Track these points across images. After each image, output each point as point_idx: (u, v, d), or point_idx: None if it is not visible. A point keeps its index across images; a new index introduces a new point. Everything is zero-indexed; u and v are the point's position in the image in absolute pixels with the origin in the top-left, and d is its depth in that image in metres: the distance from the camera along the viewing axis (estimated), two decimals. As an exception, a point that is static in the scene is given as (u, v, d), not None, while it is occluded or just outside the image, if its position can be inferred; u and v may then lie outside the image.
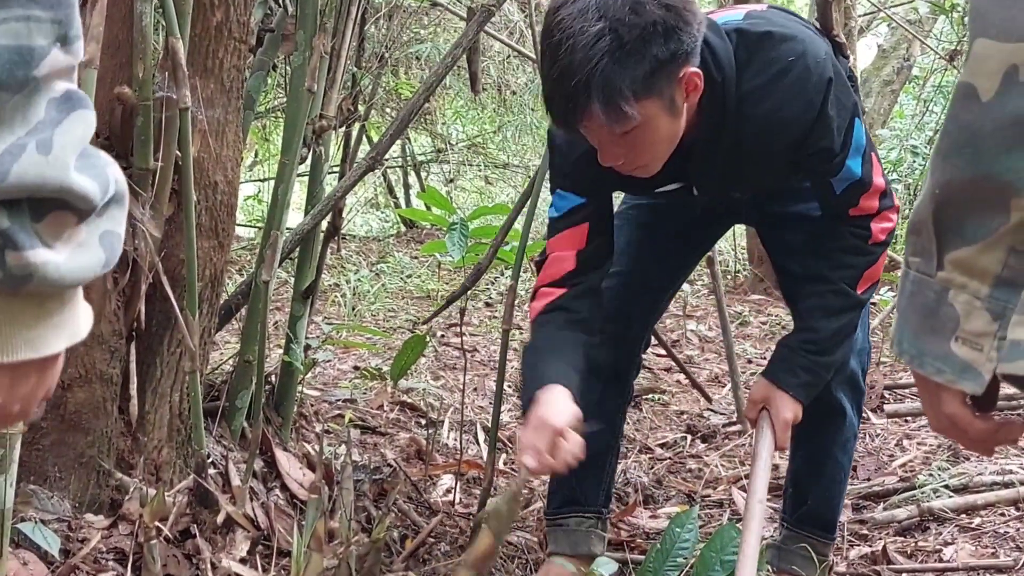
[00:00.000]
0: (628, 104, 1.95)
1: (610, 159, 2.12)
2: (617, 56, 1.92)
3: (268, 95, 6.89)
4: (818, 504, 2.66)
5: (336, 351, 4.57)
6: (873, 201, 2.28)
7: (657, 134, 2.06)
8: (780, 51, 2.13)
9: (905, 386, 4.47)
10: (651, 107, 1.99)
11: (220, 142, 2.44)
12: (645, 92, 1.96)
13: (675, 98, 2.03)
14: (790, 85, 2.11)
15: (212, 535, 2.39)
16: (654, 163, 2.15)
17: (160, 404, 2.46)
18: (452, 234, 3.02)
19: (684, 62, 2.00)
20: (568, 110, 1.99)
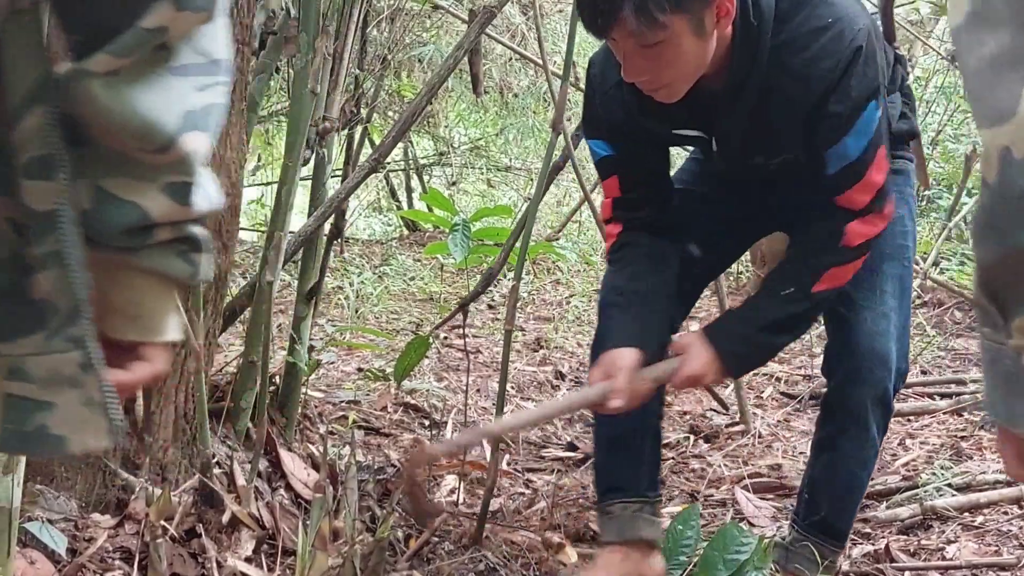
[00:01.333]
0: (658, 15, 1.99)
1: (633, 73, 2.13)
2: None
3: (271, 98, 6.90)
4: (831, 514, 2.59)
5: (340, 352, 4.58)
6: (864, 196, 2.23)
7: (682, 52, 2.08)
8: (822, 10, 2.15)
9: (908, 385, 4.47)
10: (680, 23, 2.03)
11: (223, 145, 2.45)
12: (676, 7, 2.00)
13: (704, 19, 2.07)
14: (826, 42, 2.13)
15: (217, 534, 2.40)
16: (677, 84, 2.16)
17: (165, 405, 2.48)
18: (454, 235, 3.04)
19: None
20: (600, 13, 2.03)
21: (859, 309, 2.43)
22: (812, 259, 2.29)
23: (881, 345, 2.40)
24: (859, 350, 2.41)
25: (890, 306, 2.43)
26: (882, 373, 2.41)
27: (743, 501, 3.24)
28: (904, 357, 2.48)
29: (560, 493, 3.25)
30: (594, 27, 2.09)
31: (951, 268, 6.72)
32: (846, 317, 2.44)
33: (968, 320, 5.65)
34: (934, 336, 5.22)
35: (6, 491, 1.89)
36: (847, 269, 2.29)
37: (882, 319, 2.41)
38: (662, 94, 2.19)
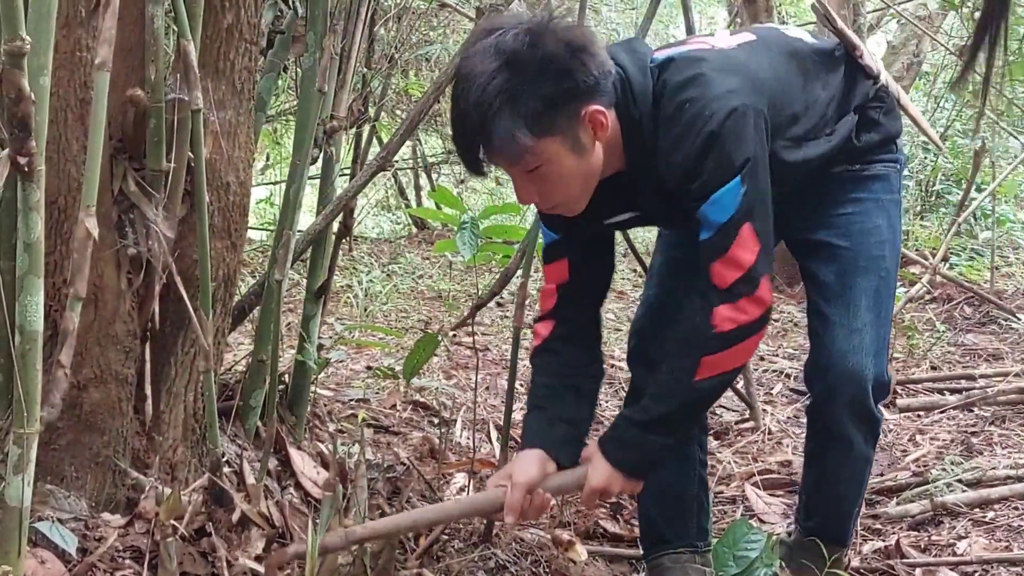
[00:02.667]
0: (521, 144, 2.00)
1: (525, 198, 2.17)
2: (511, 95, 1.97)
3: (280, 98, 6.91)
4: (826, 521, 2.59)
5: (349, 351, 4.59)
6: (729, 272, 2.14)
7: (565, 172, 2.09)
8: (682, 95, 2.13)
9: (918, 381, 4.48)
10: (550, 145, 2.04)
11: (232, 143, 2.45)
12: (541, 131, 2.01)
13: (579, 136, 2.07)
14: (679, 131, 2.12)
15: (227, 533, 2.41)
16: (571, 202, 2.18)
17: (175, 404, 2.48)
18: (463, 233, 3.04)
19: (584, 100, 2.04)
20: (469, 152, 2.07)
21: (831, 326, 2.39)
22: (685, 349, 2.22)
23: (854, 363, 2.36)
24: (831, 369, 2.37)
25: (864, 320, 2.38)
26: (856, 390, 2.37)
27: (753, 498, 3.24)
28: (882, 369, 2.42)
29: (570, 491, 3.25)
30: (468, 164, 2.11)
31: (960, 263, 6.70)
32: (820, 334, 2.41)
33: (977, 316, 5.64)
34: (944, 332, 5.21)
35: (16, 491, 1.90)
36: (724, 357, 2.19)
37: (855, 335, 2.36)
38: (561, 210, 2.21)
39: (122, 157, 2.29)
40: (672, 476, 2.58)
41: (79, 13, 2.23)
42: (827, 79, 2.39)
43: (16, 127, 1.77)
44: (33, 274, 1.86)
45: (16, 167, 1.80)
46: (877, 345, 2.39)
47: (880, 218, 2.43)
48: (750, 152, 2.12)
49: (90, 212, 1.93)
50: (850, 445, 2.44)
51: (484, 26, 2.09)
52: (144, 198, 2.29)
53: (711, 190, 2.11)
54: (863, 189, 2.44)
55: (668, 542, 2.61)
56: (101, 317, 2.30)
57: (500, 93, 1.97)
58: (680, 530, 2.62)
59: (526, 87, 1.98)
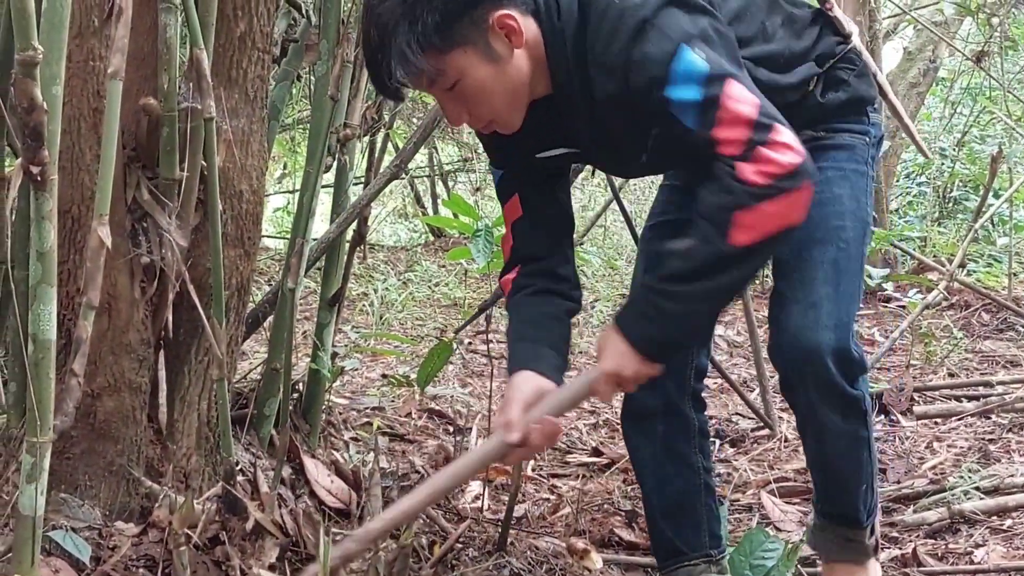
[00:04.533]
0: (425, 60, 1.94)
1: (454, 118, 2.10)
2: (404, 12, 1.93)
3: (295, 107, 6.92)
4: (833, 503, 2.43)
5: (364, 359, 4.59)
6: (735, 131, 1.95)
7: (484, 84, 2.02)
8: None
9: (935, 388, 4.45)
10: (461, 58, 1.98)
11: (245, 152, 2.46)
12: (446, 44, 1.96)
13: (492, 44, 2.00)
14: (610, 27, 2.01)
15: (241, 542, 2.40)
16: (501, 116, 2.10)
17: (188, 412, 2.48)
18: (477, 240, 3.03)
19: (490, 7, 1.98)
20: (379, 79, 2.01)
21: (785, 303, 2.26)
22: (711, 212, 1.99)
23: (807, 339, 2.18)
24: (788, 348, 2.23)
25: (820, 294, 2.22)
26: (816, 369, 2.19)
27: (769, 506, 3.23)
28: (845, 343, 2.20)
29: (585, 499, 3.24)
30: (381, 88, 2.06)
31: (978, 270, 6.67)
32: (776, 314, 2.28)
33: (995, 322, 5.61)
34: (961, 338, 5.18)
35: (30, 500, 1.90)
36: (764, 213, 1.95)
37: (810, 310, 2.20)
38: (498, 127, 2.13)
39: (135, 166, 2.30)
40: (678, 487, 2.53)
41: (92, 23, 2.24)
42: (791, 15, 2.29)
43: (29, 136, 1.77)
44: (46, 283, 1.87)
45: (29, 176, 1.80)
46: (837, 318, 2.20)
47: (841, 188, 2.29)
48: (691, 26, 1.99)
49: (103, 221, 1.93)
50: (826, 426, 2.26)
51: None
52: (157, 207, 2.30)
53: (664, 72, 1.96)
54: (826, 158, 2.28)
55: (682, 554, 2.56)
56: (114, 326, 2.31)
57: (395, 10, 1.93)
58: (693, 541, 2.57)
59: (420, 2, 1.93)
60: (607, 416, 4.20)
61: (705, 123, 1.97)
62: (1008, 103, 7.61)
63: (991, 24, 6.58)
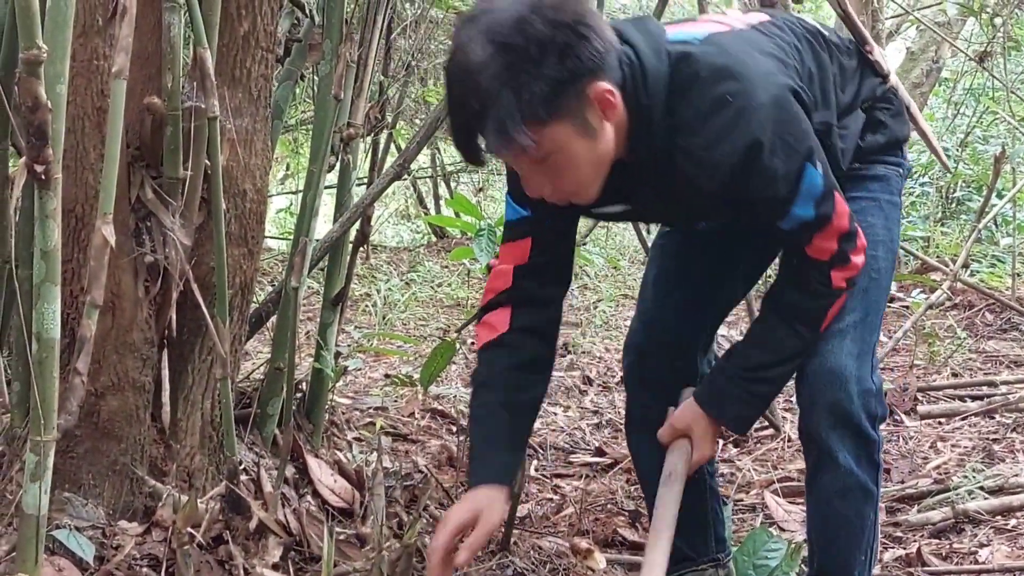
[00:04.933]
0: (525, 132, 1.84)
1: (535, 190, 2.02)
2: (507, 80, 1.82)
3: (298, 107, 6.92)
4: (829, 562, 2.34)
5: (367, 359, 4.59)
6: (831, 243, 2.09)
7: (576, 159, 1.94)
8: (721, 88, 1.97)
9: (939, 388, 4.44)
10: (559, 131, 1.88)
11: (248, 151, 2.46)
12: (547, 116, 1.85)
13: (588, 118, 1.91)
14: (721, 126, 1.96)
15: (245, 541, 2.40)
16: (584, 189, 2.02)
17: (192, 411, 2.48)
18: (480, 240, 3.03)
19: (590, 79, 1.88)
20: (469, 145, 1.92)
21: None
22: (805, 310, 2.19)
23: (833, 362, 2.20)
24: (811, 371, 2.23)
25: (848, 322, 2.23)
26: (837, 393, 2.19)
27: (773, 505, 3.22)
28: (866, 373, 2.23)
29: (588, 499, 3.24)
30: (469, 156, 1.96)
31: (981, 270, 6.67)
32: None
33: (999, 322, 5.60)
34: (965, 338, 5.18)
35: (34, 498, 1.90)
36: (839, 303, 2.20)
37: (836, 336, 2.22)
38: (575, 200, 2.06)
39: (139, 165, 2.30)
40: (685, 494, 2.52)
41: (96, 22, 2.24)
42: (840, 68, 2.29)
43: (33, 135, 1.77)
44: (50, 282, 1.87)
45: (33, 175, 1.80)
46: (860, 348, 2.23)
47: (876, 217, 2.32)
48: (809, 138, 2.04)
49: (107, 220, 1.93)
50: (838, 461, 2.22)
51: (472, 11, 1.95)
52: (161, 206, 2.30)
53: (793, 190, 2.02)
54: (860, 188, 2.32)
55: (689, 559, 2.55)
56: (118, 325, 2.31)
57: (498, 78, 1.81)
58: (700, 546, 2.57)
59: (527, 69, 1.82)
60: (610, 416, 4.20)
61: (807, 235, 2.09)
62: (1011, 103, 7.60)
63: (994, 24, 6.57)
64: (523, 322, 2.26)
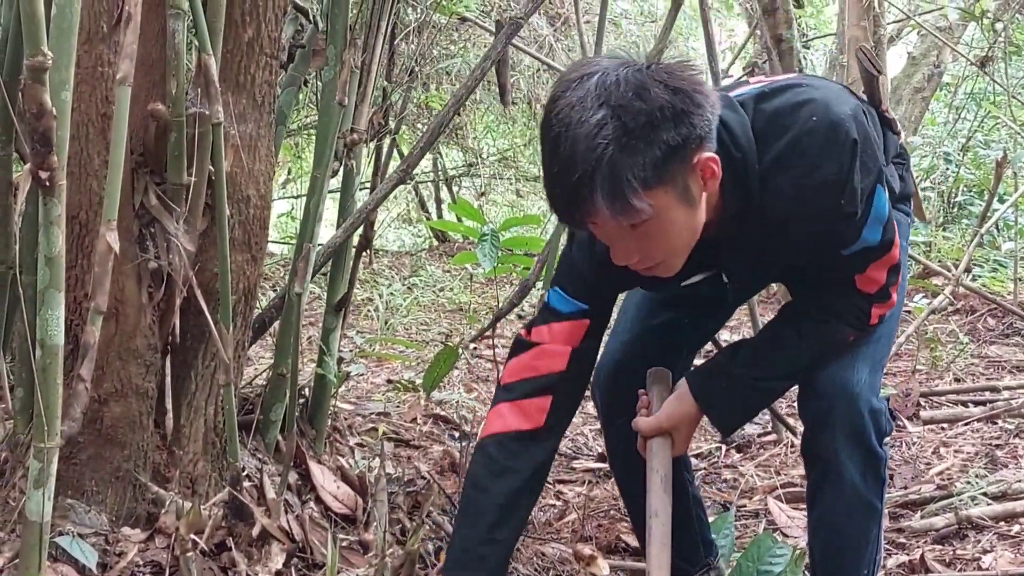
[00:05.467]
0: (636, 196, 1.80)
1: (623, 257, 1.96)
2: (623, 144, 1.78)
3: (300, 112, 6.93)
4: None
5: (369, 364, 4.59)
6: (881, 273, 2.11)
7: (673, 227, 1.90)
8: (800, 115, 1.96)
9: (941, 393, 4.44)
10: (663, 197, 1.84)
11: (252, 156, 2.46)
12: (655, 181, 1.81)
13: (690, 186, 1.87)
14: (816, 149, 1.94)
15: (248, 548, 2.40)
16: (673, 259, 1.98)
17: (195, 417, 2.48)
18: (483, 245, 3.03)
19: (698, 147, 1.85)
20: (572, 205, 1.85)
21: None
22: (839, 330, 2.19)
23: (843, 377, 2.18)
24: (819, 388, 2.21)
25: (862, 343, 2.24)
26: (847, 410, 2.17)
27: (776, 511, 3.22)
28: (876, 392, 2.22)
29: (591, 505, 3.24)
30: (569, 219, 1.91)
31: (983, 275, 6.66)
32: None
33: (1001, 327, 5.60)
34: (967, 343, 5.17)
35: (37, 505, 1.90)
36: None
37: (849, 355, 2.23)
38: (660, 270, 2.00)
39: (143, 171, 2.30)
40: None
41: (101, 28, 2.24)
42: (875, 123, 2.28)
43: (38, 142, 1.77)
44: (54, 288, 1.86)
45: (37, 181, 1.80)
46: (872, 367, 2.23)
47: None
48: (881, 156, 2.06)
49: (111, 226, 1.93)
50: (845, 477, 2.19)
51: (576, 71, 1.88)
52: (165, 212, 2.30)
53: (866, 211, 2.01)
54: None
55: (685, 573, 2.54)
56: (122, 331, 2.31)
57: (611, 143, 1.77)
58: (692, 557, 2.57)
59: (639, 135, 1.78)
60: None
61: (865, 263, 2.10)
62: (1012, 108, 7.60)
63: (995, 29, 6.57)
64: (558, 420, 2.22)
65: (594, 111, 1.78)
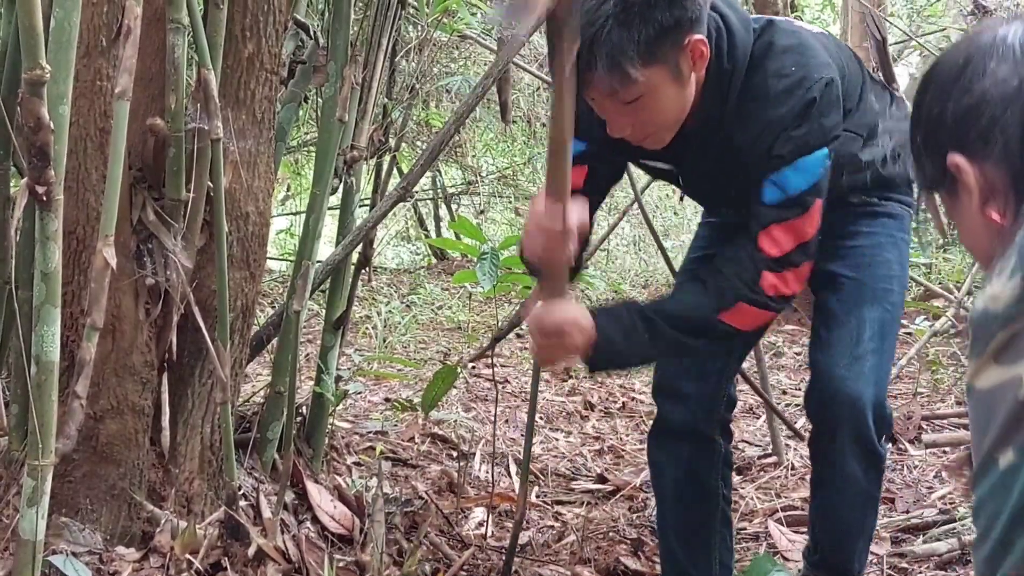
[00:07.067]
0: (633, 68, 1.98)
1: (618, 129, 2.14)
2: (621, 20, 1.96)
3: (300, 129, 6.92)
4: (830, 554, 2.50)
5: (367, 382, 4.56)
6: (786, 240, 2.15)
7: (664, 102, 2.08)
8: (789, 58, 2.15)
9: (943, 416, 4.42)
10: (656, 73, 2.03)
11: (252, 173, 2.44)
12: (650, 57, 2.00)
13: (681, 65, 2.06)
14: (782, 90, 2.13)
15: (243, 568, 2.38)
16: (662, 133, 2.17)
17: (191, 436, 2.46)
18: (483, 263, 3.01)
19: (689, 29, 2.03)
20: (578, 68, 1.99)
21: (832, 353, 2.36)
22: (733, 282, 2.18)
23: (852, 388, 2.30)
24: (830, 395, 2.33)
25: (866, 349, 2.34)
26: (855, 417, 2.31)
27: (776, 534, 3.19)
28: (882, 400, 2.35)
29: (590, 526, 3.22)
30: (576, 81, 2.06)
31: (985, 297, 6.64)
32: (819, 361, 2.39)
33: (1003, 350, 5.58)
34: (968, 366, 5.15)
35: (30, 524, 1.88)
36: (750, 315, 2.20)
37: (855, 363, 2.33)
38: (648, 143, 2.20)
39: (141, 186, 2.28)
40: (696, 512, 2.55)
41: (100, 42, 2.23)
42: (877, 91, 2.45)
43: (35, 156, 1.76)
44: (50, 304, 1.85)
45: (35, 196, 1.79)
46: (877, 376, 2.35)
47: (891, 253, 2.44)
48: (838, 129, 2.17)
49: (108, 242, 1.91)
50: (849, 476, 2.37)
51: None
52: (163, 228, 2.28)
53: (802, 152, 2.12)
54: (877, 224, 2.44)
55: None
56: (118, 347, 2.29)
57: (611, 17, 1.96)
58: (703, 567, 2.57)
59: (637, 12, 1.97)
60: (612, 442, 4.17)
61: (776, 213, 2.15)
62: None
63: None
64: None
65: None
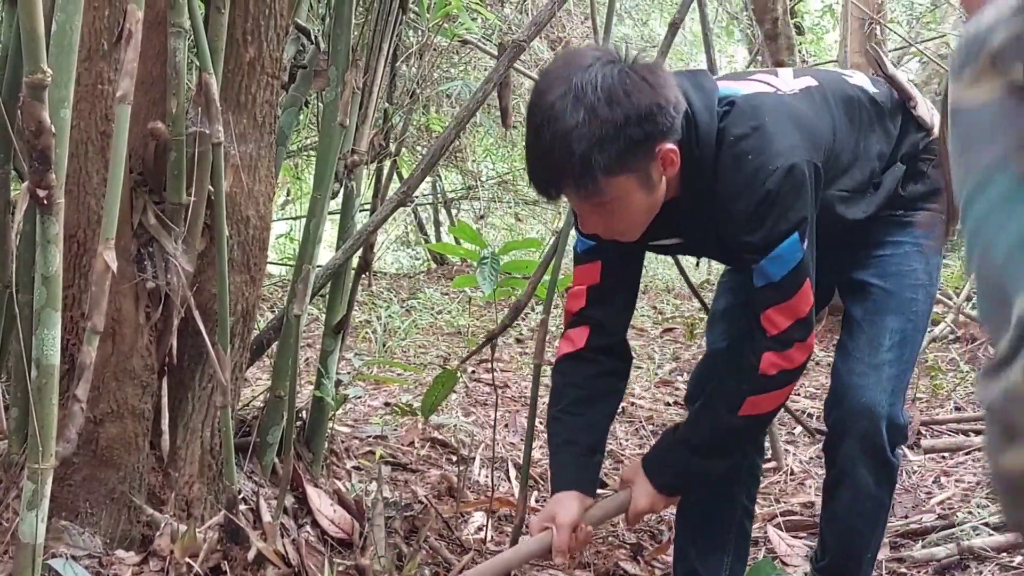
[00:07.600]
0: (600, 182, 2.06)
1: (590, 227, 2.25)
2: (594, 143, 2.03)
3: (300, 133, 6.92)
4: (838, 561, 2.51)
5: (367, 387, 4.56)
6: (783, 320, 2.22)
7: (632, 207, 2.16)
8: (744, 145, 2.17)
9: (942, 422, 4.42)
10: (625, 183, 2.10)
11: (252, 177, 2.44)
12: (619, 170, 2.07)
13: (651, 173, 2.13)
14: (742, 180, 2.16)
15: (243, 571, 2.38)
16: (632, 230, 2.25)
17: (191, 439, 2.46)
18: (483, 268, 3.01)
19: (659, 140, 2.09)
20: (547, 185, 2.14)
21: (851, 360, 2.39)
22: (733, 385, 2.31)
23: (869, 397, 2.34)
24: (845, 402, 2.37)
25: (884, 359, 2.37)
26: (868, 425, 2.34)
27: (776, 540, 3.20)
28: (898, 411, 2.38)
29: (589, 530, 3.21)
30: (545, 195, 2.18)
31: (984, 303, 6.64)
32: (839, 368, 2.42)
33: (1002, 356, 5.57)
34: (968, 371, 5.16)
35: (30, 527, 1.88)
36: (766, 399, 2.30)
37: (873, 371, 2.36)
38: (620, 239, 2.28)
39: (142, 190, 2.28)
40: (714, 517, 2.59)
41: (101, 46, 2.22)
42: (881, 129, 2.42)
43: (36, 160, 1.76)
44: (50, 307, 1.85)
45: (36, 200, 1.79)
46: (894, 385, 2.37)
47: (917, 262, 2.44)
48: (807, 211, 2.18)
49: (109, 245, 1.91)
50: (858, 482, 2.39)
51: (563, 61, 2.19)
52: (163, 231, 2.28)
53: (772, 244, 2.17)
54: (904, 233, 2.45)
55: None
56: (119, 351, 2.29)
57: (588, 140, 2.03)
58: (714, 567, 2.61)
59: (611, 132, 2.04)
60: (611, 447, 4.17)
61: (769, 297, 2.22)
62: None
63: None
64: (598, 342, 2.45)
65: (572, 112, 2.03)
